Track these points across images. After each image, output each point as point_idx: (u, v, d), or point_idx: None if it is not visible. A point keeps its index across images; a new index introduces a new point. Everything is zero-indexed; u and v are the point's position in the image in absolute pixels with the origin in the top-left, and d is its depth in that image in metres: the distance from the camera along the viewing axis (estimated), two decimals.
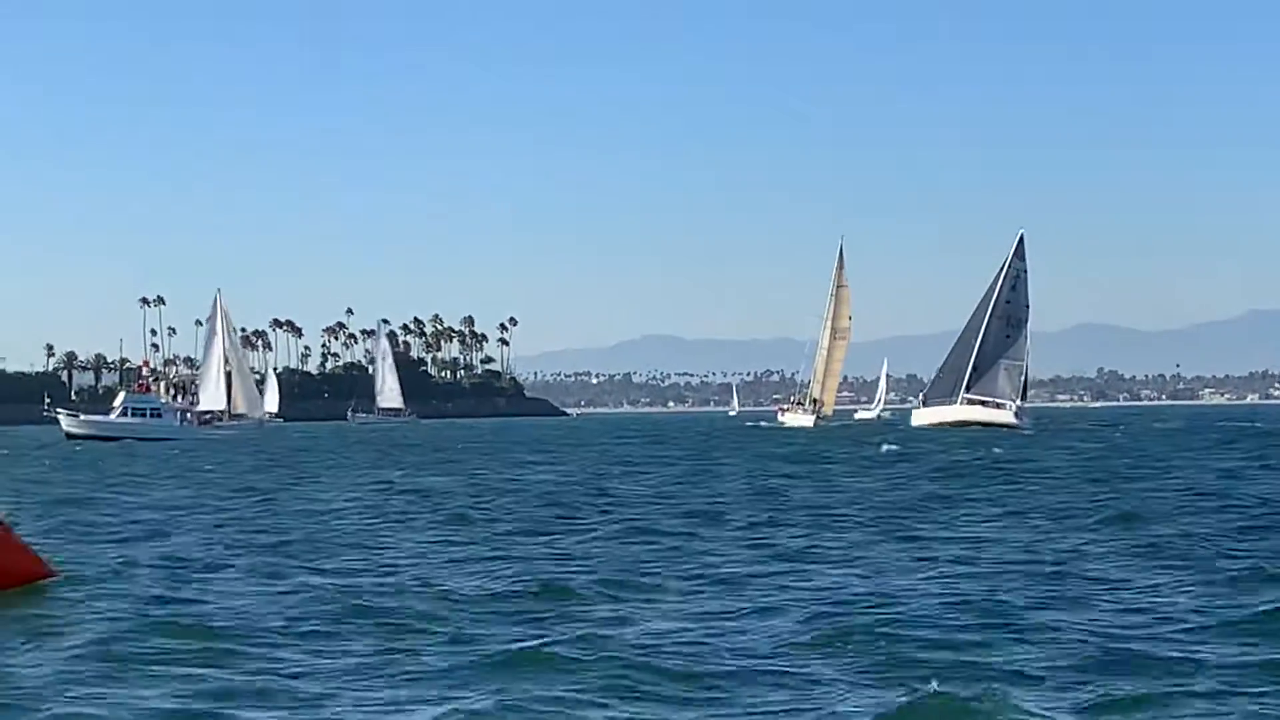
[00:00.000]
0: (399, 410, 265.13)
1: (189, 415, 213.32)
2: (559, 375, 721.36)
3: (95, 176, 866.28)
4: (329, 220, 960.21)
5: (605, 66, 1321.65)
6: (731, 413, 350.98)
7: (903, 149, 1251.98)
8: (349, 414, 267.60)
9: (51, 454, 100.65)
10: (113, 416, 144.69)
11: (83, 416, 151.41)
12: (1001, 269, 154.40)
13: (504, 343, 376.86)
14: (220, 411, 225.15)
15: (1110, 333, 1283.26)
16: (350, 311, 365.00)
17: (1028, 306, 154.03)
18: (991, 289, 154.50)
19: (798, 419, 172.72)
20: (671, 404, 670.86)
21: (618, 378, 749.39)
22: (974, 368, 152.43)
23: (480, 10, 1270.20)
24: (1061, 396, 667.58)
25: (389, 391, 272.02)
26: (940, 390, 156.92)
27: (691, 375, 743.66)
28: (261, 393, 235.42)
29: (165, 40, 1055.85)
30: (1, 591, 22.20)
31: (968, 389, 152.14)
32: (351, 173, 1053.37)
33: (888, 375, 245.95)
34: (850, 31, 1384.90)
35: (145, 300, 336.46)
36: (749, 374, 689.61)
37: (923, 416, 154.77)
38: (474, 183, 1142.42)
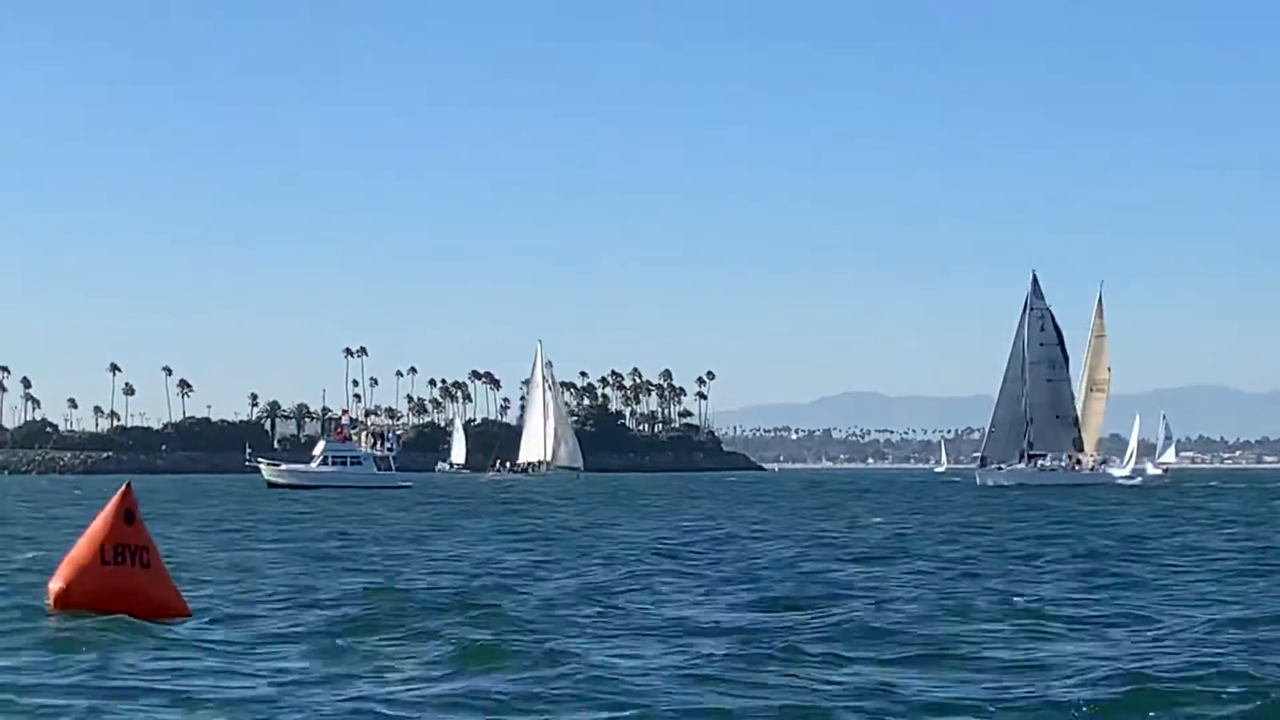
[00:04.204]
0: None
1: (500, 465, 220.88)
2: (758, 430, 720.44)
3: (300, 232, 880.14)
4: (530, 273, 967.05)
5: (808, 130, 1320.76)
6: (939, 469, 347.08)
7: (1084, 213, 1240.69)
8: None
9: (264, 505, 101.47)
10: (313, 465, 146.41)
11: (284, 465, 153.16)
12: (1023, 313, 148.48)
13: (702, 396, 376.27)
14: (541, 462, 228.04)
15: None
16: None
17: (1058, 345, 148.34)
18: (1019, 335, 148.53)
19: None
20: (871, 460, 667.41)
21: (817, 433, 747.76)
22: (1030, 420, 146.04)
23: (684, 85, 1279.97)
24: (1269, 458, 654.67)
25: None
26: (998, 447, 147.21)
27: (891, 432, 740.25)
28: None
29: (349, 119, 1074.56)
30: (133, 618, 21.79)
31: (1031, 446, 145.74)
32: (551, 226, 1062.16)
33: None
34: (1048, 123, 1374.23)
35: (349, 351, 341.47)
36: (949, 431, 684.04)
37: (996, 476, 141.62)
38: (675, 237, 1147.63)
